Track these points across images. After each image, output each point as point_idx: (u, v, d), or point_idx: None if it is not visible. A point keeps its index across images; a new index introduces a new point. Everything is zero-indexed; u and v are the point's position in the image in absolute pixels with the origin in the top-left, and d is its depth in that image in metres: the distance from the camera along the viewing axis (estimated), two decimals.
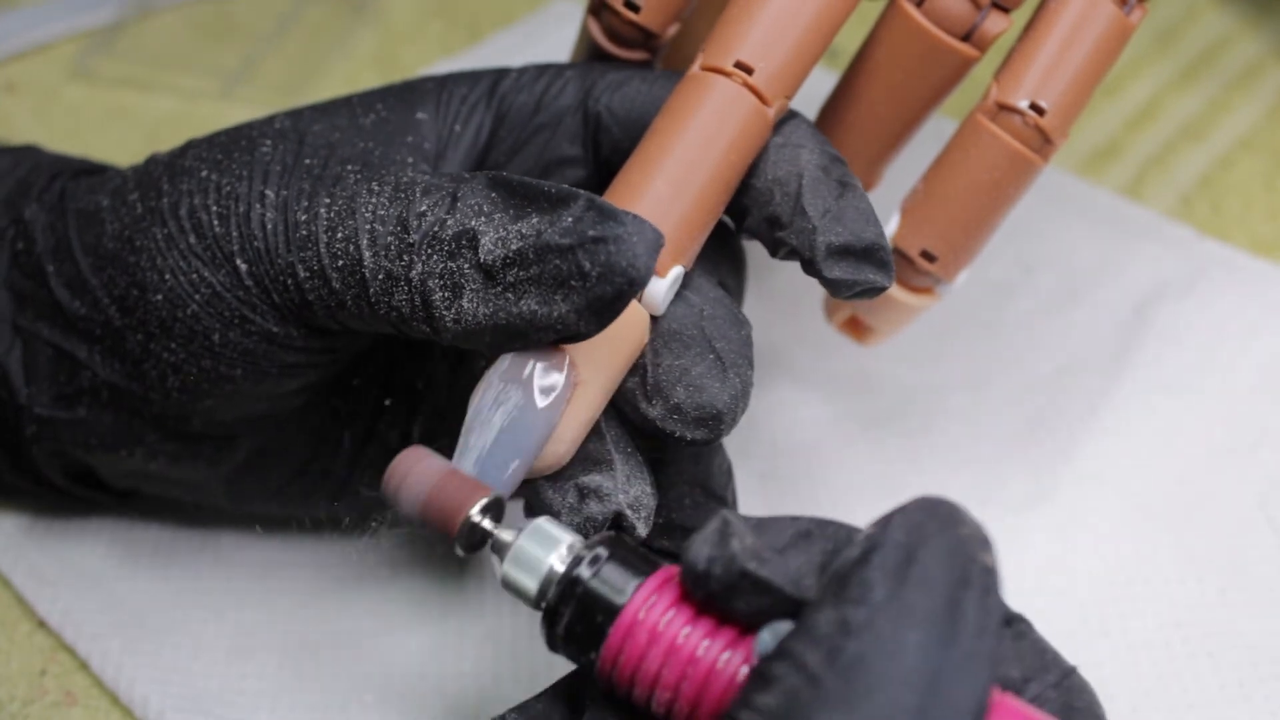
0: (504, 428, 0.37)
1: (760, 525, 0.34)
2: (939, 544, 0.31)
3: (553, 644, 0.35)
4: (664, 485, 0.42)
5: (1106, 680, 0.46)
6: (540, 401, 0.37)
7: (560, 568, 0.34)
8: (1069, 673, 0.35)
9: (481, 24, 0.73)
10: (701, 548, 0.33)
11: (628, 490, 0.38)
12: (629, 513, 0.38)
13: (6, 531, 0.50)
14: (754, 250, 0.48)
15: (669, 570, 0.34)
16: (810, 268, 0.40)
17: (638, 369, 0.39)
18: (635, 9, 0.43)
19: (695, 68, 0.40)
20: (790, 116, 0.42)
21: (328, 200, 0.39)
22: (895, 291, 0.45)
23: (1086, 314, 0.57)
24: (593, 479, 0.38)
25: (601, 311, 0.36)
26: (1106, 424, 0.53)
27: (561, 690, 0.37)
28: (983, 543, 0.32)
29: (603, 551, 0.34)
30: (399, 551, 0.50)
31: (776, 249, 0.41)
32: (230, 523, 0.50)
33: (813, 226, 0.40)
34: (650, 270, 0.35)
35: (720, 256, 0.44)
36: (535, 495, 0.38)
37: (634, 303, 0.39)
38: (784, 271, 0.59)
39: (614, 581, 0.34)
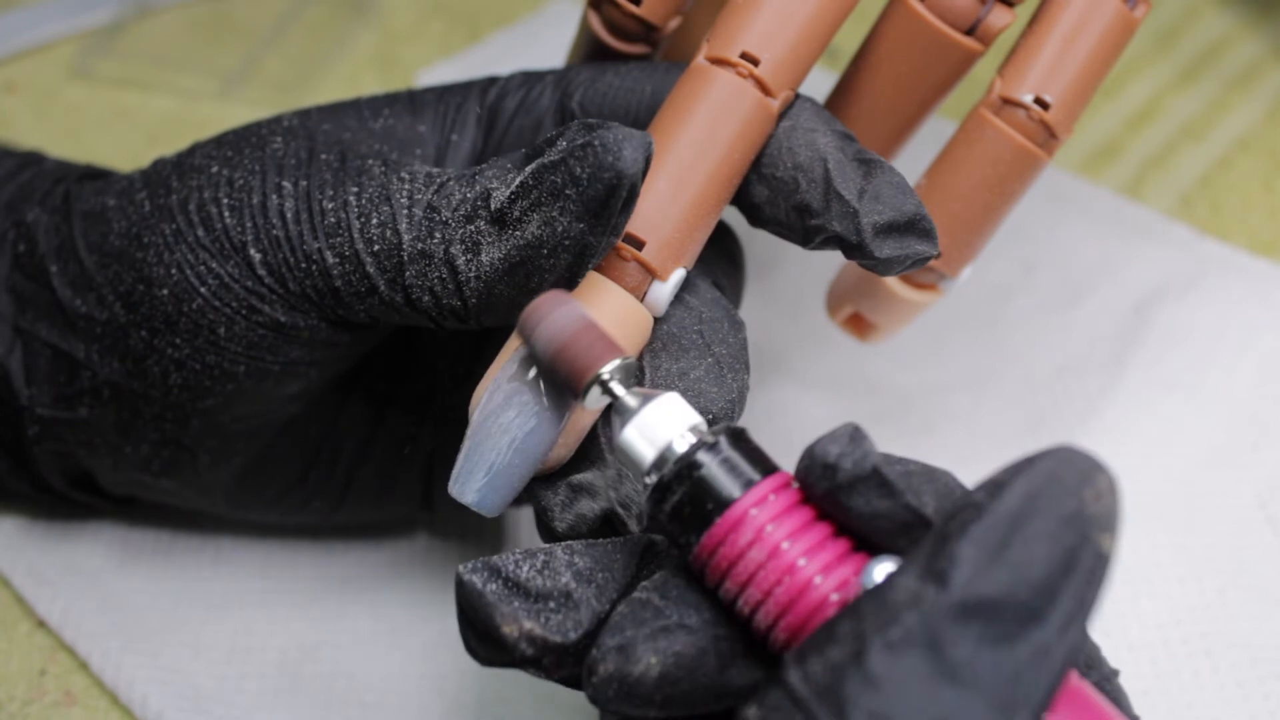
0: (514, 441, 0.37)
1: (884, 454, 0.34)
2: (1052, 517, 0.29)
3: (655, 517, 0.34)
4: None
5: None
6: (548, 415, 0.37)
7: (681, 446, 0.34)
8: (1115, 673, 0.35)
9: (481, 24, 0.73)
10: (831, 445, 0.33)
11: (618, 488, 0.38)
12: (619, 510, 0.38)
13: (6, 532, 0.50)
14: (753, 250, 0.48)
15: (785, 475, 0.34)
16: (858, 251, 0.39)
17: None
18: (637, 2, 0.43)
19: (700, 58, 0.40)
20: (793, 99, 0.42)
21: (355, 189, 0.39)
22: (900, 288, 0.45)
23: (1086, 314, 0.57)
24: (584, 476, 0.38)
25: (599, 213, 0.36)
26: (1106, 424, 0.53)
27: (631, 543, 0.36)
28: (1106, 521, 0.30)
29: (725, 441, 0.34)
30: (399, 552, 0.50)
31: (810, 237, 0.40)
32: (230, 523, 0.50)
33: (853, 209, 0.39)
34: (638, 164, 0.36)
35: (715, 256, 0.44)
36: (527, 492, 0.39)
37: (638, 304, 0.39)
38: (784, 271, 0.59)
39: (731, 474, 0.33)
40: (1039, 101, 0.42)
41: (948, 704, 0.28)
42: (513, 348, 0.38)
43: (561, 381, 0.35)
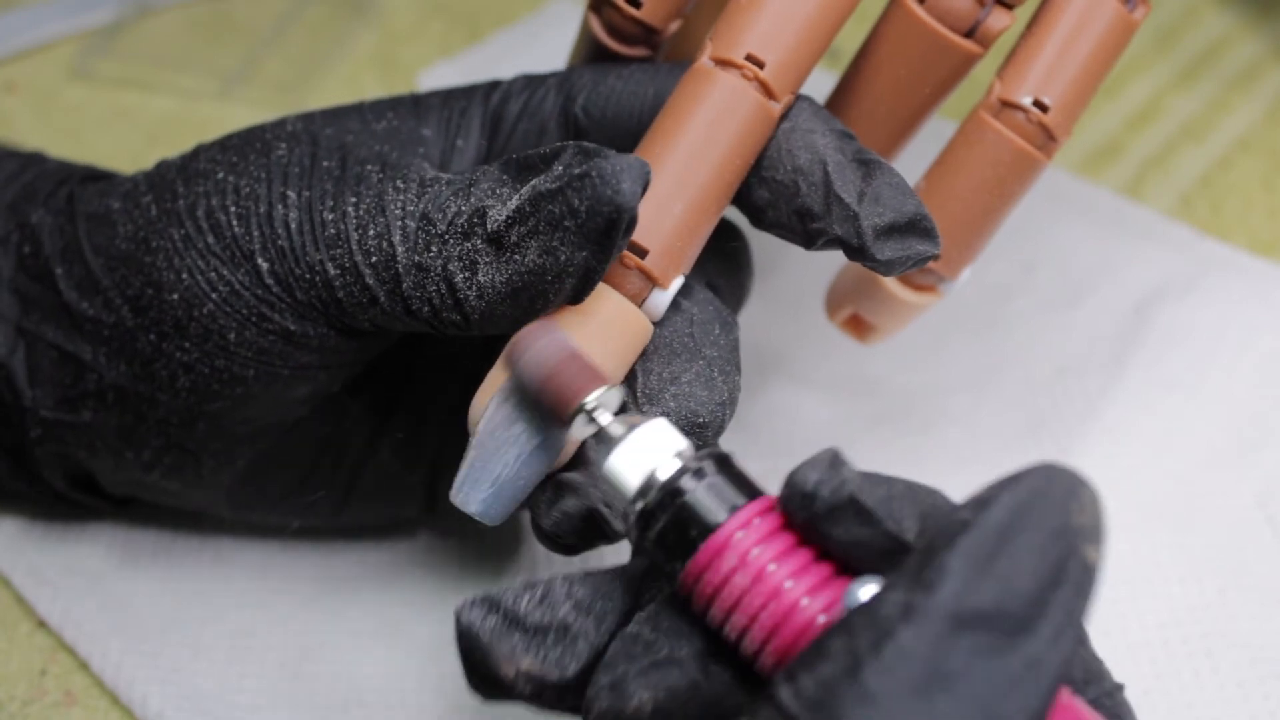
0: (521, 455, 0.37)
1: (866, 473, 0.34)
2: (1040, 531, 0.29)
3: (640, 544, 0.34)
4: None
5: None
6: (556, 431, 0.37)
7: (665, 474, 0.34)
8: (1120, 688, 0.35)
9: (481, 24, 0.73)
10: (810, 472, 0.33)
11: (602, 486, 0.39)
12: (602, 508, 0.38)
13: (6, 532, 0.50)
14: (754, 250, 0.48)
15: (770, 499, 0.34)
16: (860, 254, 0.40)
17: (628, 375, 0.40)
18: (637, 5, 0.43)
19: (704, 58, 0.40)
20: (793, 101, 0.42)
21: (354, 199, 0.39)
22: (899, 289, 0.45)
23: (1086, 314, 0.57)
24: (570, 475, 0.39)
25: (600, 243, 0.36)
26: (1106, 424, 0.53)
27: (631, 569, 0.36)
28: (1092, 534, 0.30)
29: (710, 466, 0.34)
30: (399, 552, 0.50)
31: (813, 240, 0.41)
32: (230, 524, 0.50)
33: (854, 213, 0.39)
34: (636, 196, 0.36)
35: (714, 255, 0.44)
36: None
37: (638, 312, 0.39)
38: (784, 271, 0.59)
39: (715, 499, 0.34)
40: (1038, 104, 0.42)
41: (942, 716, 0.28)
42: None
43: (548, 411, 0.35)
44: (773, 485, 0.52)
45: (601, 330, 0.38)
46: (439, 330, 0.40)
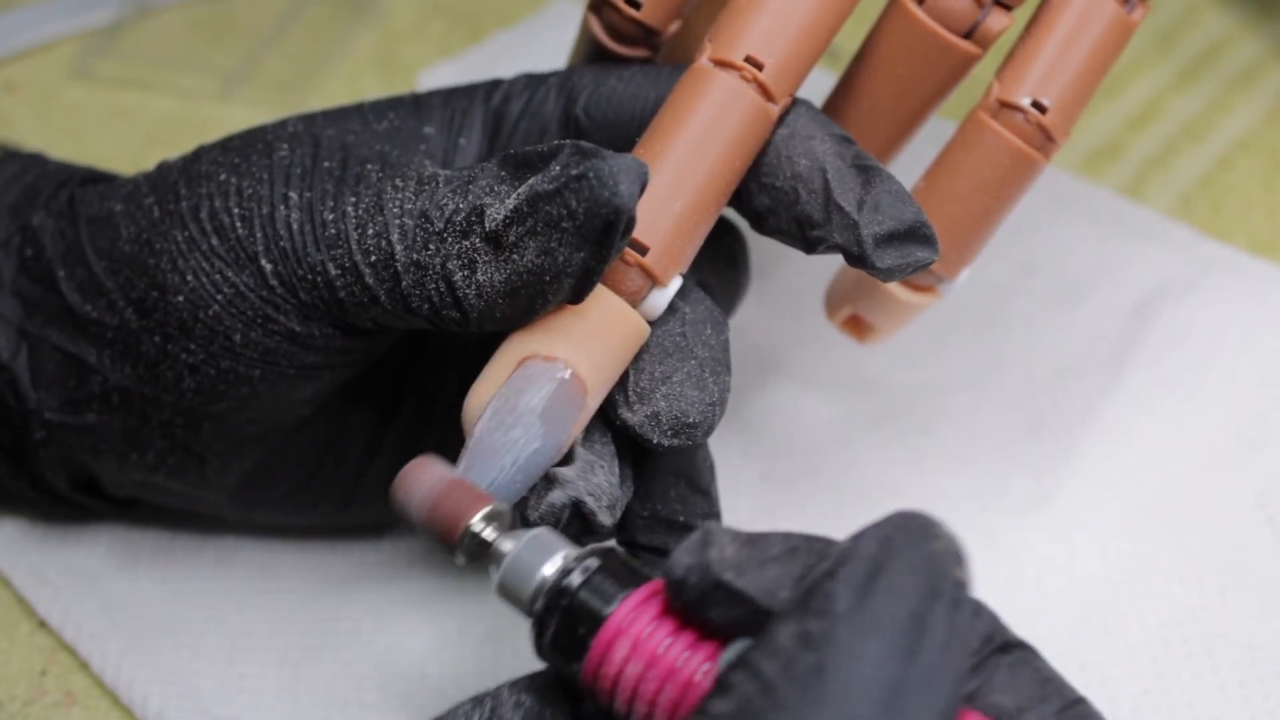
0: (517, 460, 0.38)
1: (751, 539, 0.34)
2: (909, 556, 0.31)
3: (540, 652, 0.35)
4: (648, 479, 0.42)
5: (1106, 680, 0.46)
6: (553, 435, 0.38)
7: (552, 578, 0.35)
8: (1073, 702, 0.35)
9: (481, 24, 0.73)
10: (682, 556, 0.33)
11: (588, 477, 0.39)
12: (588, 499, 0.39)
13: (7, 532, 0.50)
14: (753, 250, 0.48)
15: (656, 584, 0.35)
16: (860, 261, 0.40)
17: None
18: (636, 6, 0.43)
19: (703, 59, 0.40)
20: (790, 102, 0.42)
21: (353, 199, 0.40)
22: (898, 290, 0.45)
23: (1086, 314, 0.57)
24: (557, 469, 0.39)
25: (598, 244, 0.37)
26: (1106, 424, 0.53)
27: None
28: (955, 557, 0.32)
29: (593, 563, 0.35)
30: (399, 552, 0.50)
31: (813, 246, 0.41)
32: (231, 523, 0.50)
33: (854, 221, 0.39)
34: (634, 198, 0.36)
35: (709, 255, 0.44)
36: None
37: (634, 313, 0.39)
38: (784, 271, 0.59)
39: (600, 593, 0.34)
40: (1036, 105, 0.42)
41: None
42: (508, 357, 0.39)
43: (439, 540, 0.36)
44: (771, 486, 0.52)
45: (598, 332, 0.38)
46: (440, 327, 0.40)
